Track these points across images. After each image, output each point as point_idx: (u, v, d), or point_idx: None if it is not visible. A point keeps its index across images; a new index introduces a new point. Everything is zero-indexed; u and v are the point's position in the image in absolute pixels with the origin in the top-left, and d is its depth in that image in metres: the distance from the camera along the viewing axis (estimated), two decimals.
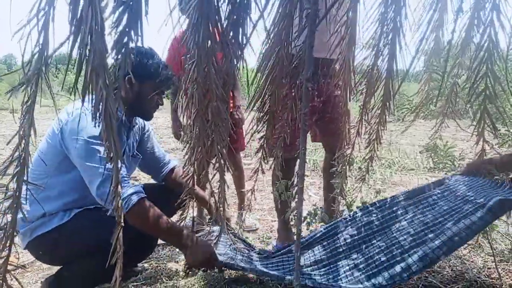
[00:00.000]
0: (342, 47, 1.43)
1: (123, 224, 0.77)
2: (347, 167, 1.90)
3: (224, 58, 1.00)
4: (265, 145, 1.45)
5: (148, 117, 1.74)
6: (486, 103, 1.20)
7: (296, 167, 2.49)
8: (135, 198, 1.41)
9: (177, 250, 2.10)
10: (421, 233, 1.41)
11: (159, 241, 2.21)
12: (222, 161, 1.16)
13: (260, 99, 1.32)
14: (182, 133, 2.26)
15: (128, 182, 1.45)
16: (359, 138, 1.69)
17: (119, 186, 0.70)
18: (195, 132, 1.06)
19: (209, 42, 0.89)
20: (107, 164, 1.38)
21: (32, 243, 1.56)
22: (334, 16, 1.37)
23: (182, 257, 2.03)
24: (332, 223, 1.81)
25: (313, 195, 3.37)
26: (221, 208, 1.36)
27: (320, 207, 2.21)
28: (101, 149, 1.41)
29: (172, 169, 1.97)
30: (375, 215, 1.68)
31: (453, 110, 1.58)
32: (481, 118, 1.27)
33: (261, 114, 1.36)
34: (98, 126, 0.65)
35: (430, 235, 1.36)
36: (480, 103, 1.22)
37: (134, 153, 1.81)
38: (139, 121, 1.85)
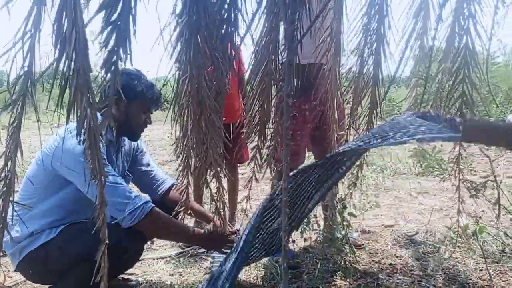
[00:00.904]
0: (328, 57, 1.46)
1: (107, 241, 0.78)
2: None
3: (215, 71, 1.02)
4: (257, 155, 1.46)
5: (134, 137, 1.75)
6: (463, 108, 1.23)
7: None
8: (148, 207, 1.46)
9: (172, 262, 2.10)
10: None
11: (152, 255, 2.20)
12: (218, 169, 1.19)
13: (250, 111, 1.34)
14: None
15: (133, 191, 1.50)
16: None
17: (104, 205, 0.71)
18: (191, 143, 1.09)
19: (200, 56, 0.91)
20: (110, 177, 1.43)
21: (21, 264, 1.55)
22: (318, 28, 1.39)
23: (177, 270, 2.02)
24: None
25: None
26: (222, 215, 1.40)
27: (314, 215, 2.23)
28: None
29: (170, 188, 1.97)
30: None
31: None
32: None
33: (252, 126, 1.37)
34: (82, 144, 0.66)
35: None
36: (458, 108, 1.25)
37: (125, 174, 1.81)
38: (131, 141, 1.85)
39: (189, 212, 1.59)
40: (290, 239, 1.70)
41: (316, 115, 2.20)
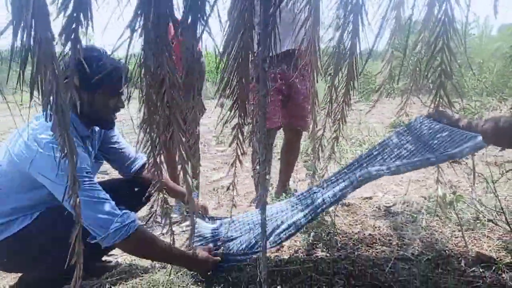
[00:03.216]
0: (306, 28, 1.42)
1: (82, 222, 0.74)
2: (319, 148, 1.93)
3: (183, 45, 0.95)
4: (239, 134, 1.42)
5: (107, 126, 1.64)
6: (442, 78, 1.23)
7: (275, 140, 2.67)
8: (134, 226, 1.37)
9: None
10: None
11: None
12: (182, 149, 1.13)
13: (228, 86, 1.29)
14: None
15: (119, 208, 1.39)
16: (330, 118, 1.70)
17: (76, 183, 0.67)
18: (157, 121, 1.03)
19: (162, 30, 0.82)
20: (94, 192, 1.36)
21: None
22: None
23: None
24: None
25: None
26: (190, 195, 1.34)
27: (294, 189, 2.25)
28: (86, 179, 1.38)
29: (143, 166, 1.92)
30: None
31: (417, 87, 1.61)
32: (437, 93, 1.30)
33: (231, 101, 1.32)
34: (50, 120, 0.62)
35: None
36: (436, 78, 1.24)
37: (97, 157, 1.75)
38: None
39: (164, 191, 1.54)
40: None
41: (284, 91, 2.27)
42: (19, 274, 1.69)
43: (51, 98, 0.62)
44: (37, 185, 1.40)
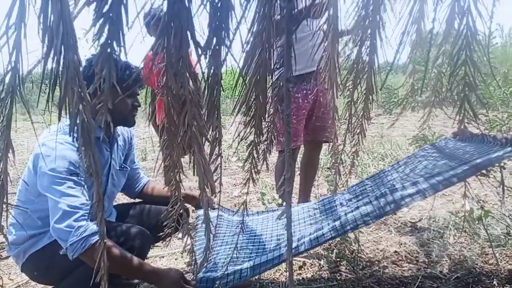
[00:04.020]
0: (325, 45, 1.42)
1: (106, 241, 0.75)
2: (340, 162, 1.91)
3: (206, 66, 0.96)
4: (254, 152, 1.42)
5: (129, 123, 1.68)
6: (466, 90, 1.20)
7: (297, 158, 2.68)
8: (92, 239, 1.31)
9: (178, 259, 2.09)
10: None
11: (158, 252, 2.19)
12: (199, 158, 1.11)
13: (245, 103, 1.30)
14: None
15: (85, 220, 1.34)
16: (350, 133, 1.69)
17: (101, 202, 0.68)
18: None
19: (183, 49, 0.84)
20: (69, 198, 1.33)
21: (26, 265, 1.53)
22: (313, 13, 1.36)
23: (182, 266, 2.01)
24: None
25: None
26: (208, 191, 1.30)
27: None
28: (68, 182, 1.37)
29: (146, 184, 1.96)
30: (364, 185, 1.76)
31: (440, 100, 1.58)
32: (462, 106, 1.28)
33: (248, 118, 1.33)
34: (76, 140, 0.64)
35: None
36: (460, 91, 1.22)
37: (122, 166, 1.78)
38: (124, 132, 1.81)
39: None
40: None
41: (311, 103, 2.29)
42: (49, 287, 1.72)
43: (77, 120, 0.65)
44: None
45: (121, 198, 2.77)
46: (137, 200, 1.98)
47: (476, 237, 2.01)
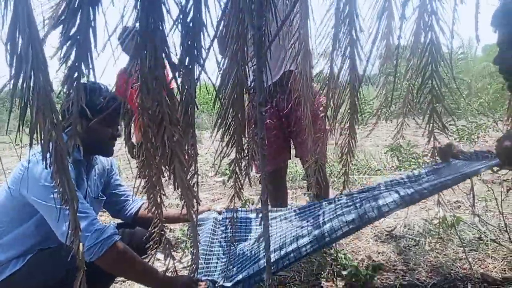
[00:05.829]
0: (297, 62, 1.45)
1: (85, 267, 0.73)
2: (320, 176, 1.94)
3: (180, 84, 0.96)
4: (237, 169, 1.41)
5: (107, 153, 1.63)
6: (434, 102, 1.26)
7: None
8: (110, 241, 1.32)
9: None
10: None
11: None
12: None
13: (224, 122, 1.30)
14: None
15: (98, 222, 1.36)
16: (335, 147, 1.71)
17: (78, 229, 0.66)
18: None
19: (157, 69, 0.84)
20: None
21: None
22: (286, 33, 1.39)
23: None
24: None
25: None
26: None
27: None
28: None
29: (140, 208, 1.90)
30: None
31: (411, 110, 1.63)
32: (430, 117, 1.33)
33: (228, 137, 1.33)
34: (49, 168, 0.62)
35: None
36: (429, 102, 1.27)
37: (98, 195, 1.73)
38: (103, 161, 1.76)
39: (165, 223, 1.50)
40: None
41: (286, 123, 2.24)
42: None
43: (50, 145, 0.63)
44: (33, 211, 1.38)
45: None
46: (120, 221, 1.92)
47: (450, 243, 2.07)
